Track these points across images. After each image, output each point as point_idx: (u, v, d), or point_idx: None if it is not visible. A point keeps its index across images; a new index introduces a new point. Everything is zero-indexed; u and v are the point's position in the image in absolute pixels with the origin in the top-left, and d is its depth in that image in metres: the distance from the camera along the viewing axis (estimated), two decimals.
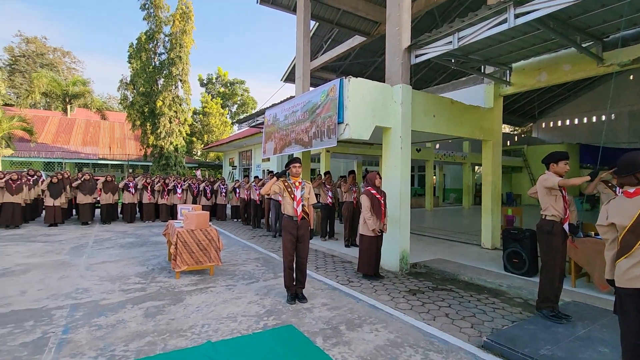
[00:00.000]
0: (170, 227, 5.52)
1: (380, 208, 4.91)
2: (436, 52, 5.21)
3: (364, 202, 4.93)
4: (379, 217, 4.90)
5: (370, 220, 4.85)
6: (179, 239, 4.77)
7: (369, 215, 4.85)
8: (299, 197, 3.98)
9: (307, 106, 6.00)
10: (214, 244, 5.01)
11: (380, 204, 4.92)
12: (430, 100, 6.07)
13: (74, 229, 9.09)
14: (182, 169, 18.90)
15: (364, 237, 4.97)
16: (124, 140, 23.06)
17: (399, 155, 5.42)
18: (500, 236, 7.22)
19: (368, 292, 4.41)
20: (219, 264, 5.03)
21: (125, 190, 10.52)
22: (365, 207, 4.91)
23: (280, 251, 6.82)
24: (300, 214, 3.96)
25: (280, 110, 7.07)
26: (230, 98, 37.24)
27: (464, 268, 5.48)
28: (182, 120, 19.05)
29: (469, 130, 6.71)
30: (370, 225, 4.85)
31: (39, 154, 18.39)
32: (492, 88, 7.16)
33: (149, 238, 7.95)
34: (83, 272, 5.06)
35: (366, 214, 4.88)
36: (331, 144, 5.31)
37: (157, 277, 4.87)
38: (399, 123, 5.42)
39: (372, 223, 4.85)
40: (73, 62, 42.42)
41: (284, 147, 6.84)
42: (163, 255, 6.16)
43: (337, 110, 5.18)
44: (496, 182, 7.22)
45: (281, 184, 4.02)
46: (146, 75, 17.96)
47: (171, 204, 11.15)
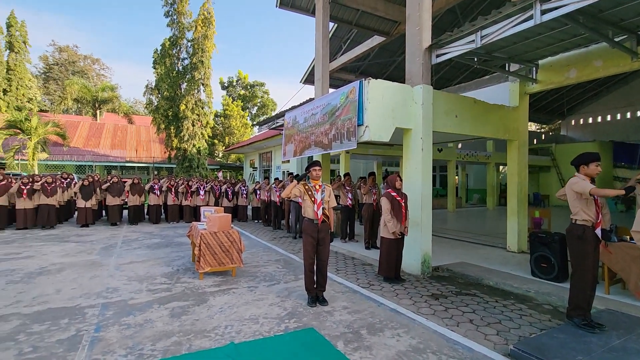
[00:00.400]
0: (194, 229, 5.67)
1: (401, 210, 4.85)
2: (458, 52, 5.10)
3: (384, 204, 4.89)
4: (400, 219, 4.84)
5: (390, 222, 4.80)
6: (202, 240, 4.89)
7: (389, 217, 4.81)
8: (319, 200, 3.99)
9: (327, 108, 6.01)
10: (236, 245, 5.11)
11: (400, 206, 4.87)
12: (452, 100, 5.95)
13: (104, 230, 9.48)
14: (204, 170, 19.37)
15: (385, 239, 4.93)
16: (149, 143, 23.87)
17: (419, 156, 5.34)
18: (527, 239, 7.00)
19: (389, 295, 4.37)
20: (240, 265, 5.13)
21: (151, 192, 10.88)
22: (385, 209, 4.87)
23: (300, 253, 6.85)
24: (321, 217, 3.98)
25: (300, 113, 7.12)
26: (250, 100, 37.87)
27: (488, 272, 5.33)
28: (205, 123, 19.51)
29: (493, 130, 6.53)
30: (390, 227, 4.81)
31: (72, 157, 19.32)
32: (517, 86, 6.94)
33: (174, 239, 8.19)
34: (113, 272, 5.28)
35: (386, 217, 4.84)
36: (351, 146, 5.29)
37: (181, 277, 5.01)
38: (419, 124, 5.34)
39: (392, 226, 4.80)
40: (102, 68, 44.36)
41: (303, 149, 6.88)
42: (187, 256, 6.33)
43: (356, 112, 5.17)
44: (522, 183, 6.99)
45: (301, 187, 4.05)
46: (170, 80, 18.53)
47: (194, 205, 11.44)
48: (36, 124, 16.37)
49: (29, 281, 4.72)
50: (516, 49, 5.68)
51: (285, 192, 4.01)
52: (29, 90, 28.95)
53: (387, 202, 4.87)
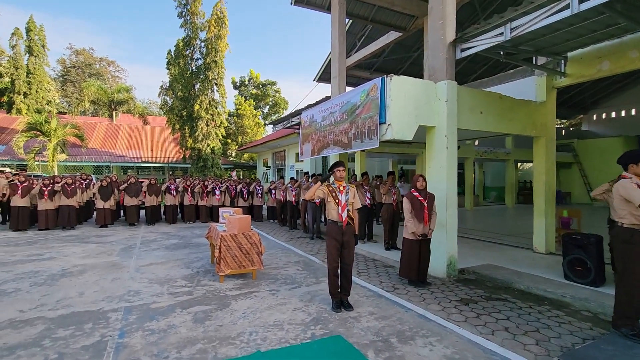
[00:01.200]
0: (213, 230, 5.61)
1: (423, 211, 4.67)
2: (485, 45, 4.88)
3: (405, 204, 4.74)
4: (421, 220, 4.66)
5: (409, 223, 4.65)
6: (222, 243, 4.82)
7: (409, 217, 4.66)
8: (343, 202, 3.86)
9: (346, 107, 5.86)
10: (256, 248, 5.02)
11: (422, 206, 4.68)
12: (477, 96, 5.72)
13: (123, 230, 9.57)
14: (218, 170, 19.46)
15: (405, 240, 4.79)
16: (164, 144, 24.14)
17: (444, 155, 5.15)
18: (556, 240, 6.73)
19: (416, 300, 4.21)
20: (261, 268, 5.04)
21: (167, 193, 10.94)
22: (405, 209, 4.72)
23: (319, 254, 6.75)
24: (346, 220, 3.84)
25: (318, 112, 6.98)
26: (262, 99, 37.96)
27: (518, 275, 5.10)
28: (218, 123, 19.59)
29: (520, 126, 6.26)
30: (410, 228, 4.66)
31: (89, 158, 19.68)
32: (544, 80, 6.64)
33: (191, 239, 8.18)
34: (133, 273, 5.26)
35: (406, 217, 4.69)
36: (372, 145, 5.13)
37: (202, 280, 4.95)
38: (444, 121, 5.14)
39: (412, 226, 4.64)
40: (117, 70, 45.20)
41: (321, 148, 6.75)
42: (206, 258, 6.29)
43: (378, 110, 5.00)
44: (550, 181, 6.70)
45: (325, 188, 3.92)
46: (184, 80, 18.65)
47: (210, 205, 11.45)
48: (55, 125, 16.69)
49: (52, 283, 4.74)
50: (544, 42, 5.42)
51: (308, 193, 3.89)
52: (47, 93, 29.70)
53: (408, 202, 4.72)
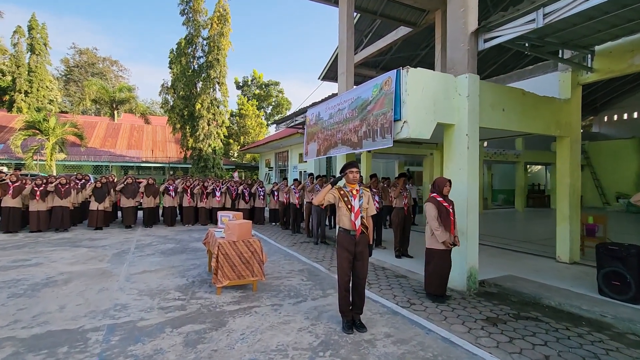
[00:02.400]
0: (210, 236, 5.16)
1: (449, 217, 4.21)
2: (512, 34, 4.40)
3: (430, 211, 4.25)
4: (448, 227, 4.19)
5: (438, 230, 4.16)
6: (220, 251, 4.36)
7: (437, 225, 4.17)
8: (356, 207, 3.39)
9: (356, 103, 5.40)
10: (257, 256, 4.56)
11: (448, 212, 4.22)
12: (499, 91, 5.25)
13: (118, 233, 9.14)
14: (219, 170, 19.04)
15: (434, 251, 4.29)
16: (165, 144, 23.77)
17: (465, 156, 4.67)
18: (580, 248, 6.24)
19: (437, 319, 3.74)
20: (262, 278, 4.57)
21: (166, 194, 10.51)
22: (431, 216, 4.22)
23: (325, 261, 6.28)
24: (359, 228, 3.38)
25: (324, 109, 6.53)
26: (265, 99, 37.62)
27: (545, 289, 4.62)
28: (220, 123, 19.18)
29: (543, 125, 5.78)
30: (439, 236, 4.17)
31: (89, 157, 19.31)
32: (569, 76, 6.15)
33: (189, 244, 7.74)
34: (123, 283, 4.82)
35: (433, 224, 4.20)
36: (386, 144, 4.67)
37: (197, 291, 4.50)
38: (464, 119, 4.67)
39: (441, 234, 4.16)
40: (120, 70, 44.98)
41: (328, 148, 6.29)
42: (203, 265, 5.84)
43: (393, 105, 4.54)
44: (575, 184, 6.21)
45: (336, 192, 3.46)
46: (186, 79, 18.26)
47: (210, 207, 11.02)
48: (54, 124, 16.34)
49: (32, 294, 4.30)
50: (574, 33, 4.95)
51: (318, 198, 3.43)
52: (50, 92, 29.43)
53: (434, 207, 4.23)
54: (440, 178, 4.43)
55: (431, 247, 4.31)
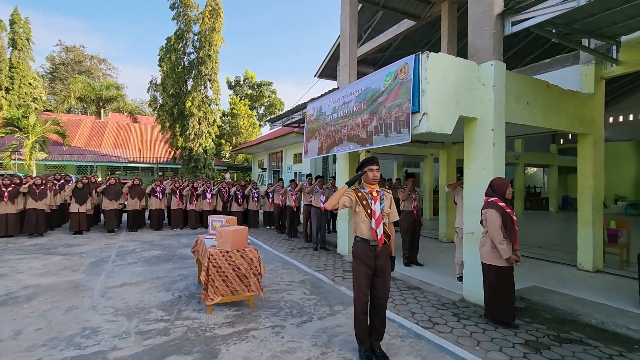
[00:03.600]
0: (199, 244, 4.53)
1: (514, 228, 3.58)
2: (546, 15, 3.89)
3: (494, 219, 3.55)
4: (512, 240, 3.56)
5: (504, 244, 3.49)
6: (210, 262, 3.73)
7: (502, 237, 3.50)
8: (378, 212, 2.81)
9: (365, 94, 4.83)
10: (254, 268, 3.94)
11: (513, 221, 3.59)
12: (524, 83, 4.74)
13: (99, 238, 8.40)
14: (211, 171, 18.31)
15: (494, 268, 3.62)
16: (153, 143, 22.90)
17: (490, 154, 4.14)
18: (602, 254, 5.77)
19: (467, 343, 3.17)
20: (260, 294, 3.95)
21: (153, 196, 9.79)
22: (495, 226, 3.53)
23: (327, 270, 5.69)
24: (382, 238, 2.79)
25: (327, 102, 5.95)
26: (258, 100, 36.92)
27: (579, 303, 4.10)
28: (211, 121, 18.46)
29: (567, 121, 5.30)
30: (504, 251, 3.49)
31: (72, 157, 18.37)
32: (592, 69, 5.70)
33: (177, 250, 7.06)
34: (97, 299, 4.15)
35: (498, 236, 3.50)
36: (401, 140, 4.11)
37: (183, 310, 3.86)
38: (490, 112, 4.14)
39: (507, 248, 3.50)
40: (108, 69, 43.77)
41: (332, 146, 5.71)
42: (192, 275, 5.19)
43: (410, 96, 3.98)
44: (598, 187, 5.74)
45: (353, 194, 2.87)
46: (175, 75, 17.51)
47: (200, 209, 10.33)
48: (34, 121, 15.43)
49: None
50: (604, 19, 4.48)
51: (330, 202, 2.82)
52: (33, 90, 28.24)
53: (498, 215, 3.54)
54: (499, 178, 3.81)
55: (491, 263, 3.64)
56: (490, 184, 3.82)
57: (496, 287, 3.63)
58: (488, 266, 3.68)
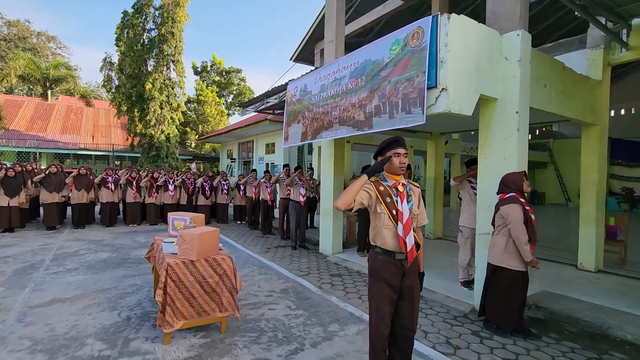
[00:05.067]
0: (156, 249, 3.56)
1: (534, 227, 3.07)
2: None
3: (517, 216, 3.03)
4: (533, 240, 3.08)
5: (528, 245, 3.00)
6: (169, 277, 2.81)
7: (526, 237, 3.00)
8: (406, 214, 2.04)
9: (364, 68, 4.04)
10: (227, 282, 3.06)
11: (532, 220, 3.07)
12: (542, 61, 4.16)
13: (34, 237, 7.05)
14: (174, 161, 16.80)
15: (508, 272, 3.12)
16: (109, 129, 20.82)
17: (514, 141, 3.51)
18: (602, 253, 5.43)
19: None
20: (235, 314, 3.08)
21: (103, 187, 8.47)
22: (518, 224, 3.01)
23: (312, 275, 4.90)
24: (413, 250, 2.03)
25: (314, 80, 5.09)
26: (226, 87, 35.04)
27: (604, 312, 3.62)
28: (175, 106, 16.86)
29: (579, 109, 4.83)
30: (527, 253, 3.01)
31: (9, 142, 16.11)
32: (600, 54, 5.27)
33: (130, 252, 5.96)
34: (11, 326, 3.09)
35: (524, 236, 2.99)
36: (413, 121, 3.37)
37: (132, 339, 2.91)
38: (514, 91, 3.50)
39: (528, 251, 3.01)
40: (59, 47, 39.58)
41: (319, 130, 4.89)
42: (147, 286, 4.21)
43: (425, 67, 3.24)
44: (602, 182, 5.37)
45: (373, 188, 2.08)
46: (133, 54, 15.71)
47: (161, 203, 9.14)
48: None
49: None
50: None
51: (344, 198, 1.98)
52: None
53: (522, 211, 3.04)
54: (511, 173, 3.28)
55: (505, 266, 3.11)
56: (503, 181, 3.31)
57: (508, 293, 3.13)
58: (499, 268, 3.18)
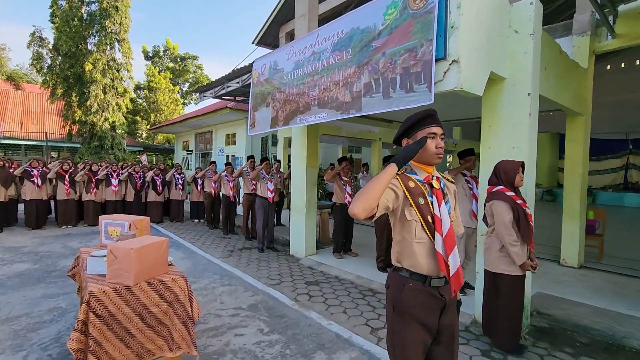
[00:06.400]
0: (81, 264, 2.65)
1: (529, 224, 2.58)
2: None
3: (503, 213, 2.57)
4: (528, 240, 2.59)
5: (517, 245, 2.53)
6: (93, 312, 1.96)
7: (515, 237, 2.54)
8: (447, 220, 1.41)
9: (350, 38, 3.36)
10: (180, 310, 2.27)
11: (527, 216, 2.58)
12: (546, 42, 3.74)
13: None
14: (121, 152, 15.10)
15: (506, 278, 2.65)
16: (42, 116, 18.31)
17: (524, 128, 3.04)
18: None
19: None
20: (193, 352, 2.30)
21: (27, 181, 7.06)
22: (504, 223, 2.56)
23: (285, 283, 4.20)
24: (458, 274, 1.40)
25: (285, 55, 4.32)
26: (181, 75, 32.71)
27: (609, 317, 3.32)
28: (122, 92, 15.10)
29: (570, 97, 4.54)
30: (517, 255, 2.54)
31: None
32: (587, 41, 5.04)
33: (58, 263, 4.85)
34: None
35: (509, 236, 2.54)
36: (418, 101, 2.76)
37: None
38: (526, 70, 3.03)
39: (521, 252, 2.55)
40: None
41: (293, 114, 4.15)
42: (74, 310, 3.27)
43: (432, 34, 2.63)
44: (585, 175, 5.21)
45: (399, 184, 1.41)
46: (69, 29, 13.72)
47: (102, 200, 7.88)
48: None
49: None
50: None
51: (365, 200, 1.24)
52: None
53: (507, 208, 2.57)
54: (507, 161, 2.74)
55: (500, 271, 2.64)
56: (495, 169, 2.82)
57: (509, 302, 2.68)
58: (496, 275, 2.72)
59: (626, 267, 5.05)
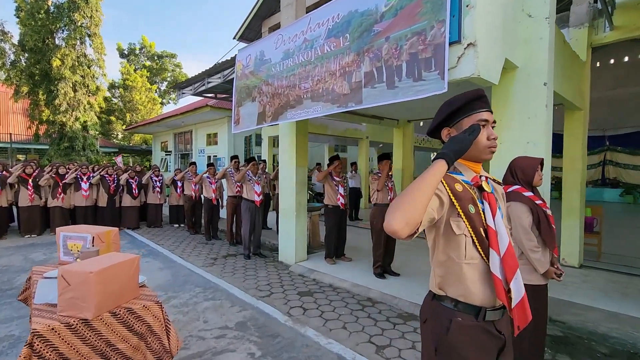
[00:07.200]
0: (31, 288, 2.19)
1: (551, 227, 2.24)
2: None
3: (521, 216, 2.21)
4: (550, 245, 2.24)
5: (538, 252, 2.18)
6: (38, 357, 1.53)
7: (536, 242, 2.18)
8: (505, 235, 1.08)
9: (348, 22, 3.01)
10: (154, 343, 1.86)
11: (548, 218, 2.25)
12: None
13: None
14: (94, 154, 14.24)
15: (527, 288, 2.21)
16: (6, 116, 17.11)
17: (541, 121, 2.78)
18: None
19: None
20: None
21: None
22: (524, 226, 2.19)
23: (276, 295, 3.81)
24: (523, 304, 1.08)
25: (273, 44, 3.93)
26: (159, 74, 31.55)
27: (624, 322, 3.11)
28: (94, 89, 14.24)
29: (572, 90, 4.36)
30: (539, 263, 2.18)
31: None
32: (585, 34, 4.89)
33: (15, 278, 4.29)
34: None
35: (529, 241, 2.18)
36: (430, 90, 2.43)
37: None
38: (542, 57, 2.77)
39: (543, 259, 2.18)
40: None
41: (283, 109, 3.76)
42: (22, 336, 2.76)
43: (445, 14, 2.32)
44: (584, 171, 5.07)
45: (445, 188, 1.07)
46: (34, 22, 12.79)
47: (71, 206, 7.23)
48: None
49: None
50: None
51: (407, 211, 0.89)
52: None
53: (526, 210, 2.21)
54: (525, 158, 2.39)
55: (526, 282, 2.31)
56: (511, 167, 2.46)
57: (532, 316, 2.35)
58: None
59: (624, 264, 4.94)
